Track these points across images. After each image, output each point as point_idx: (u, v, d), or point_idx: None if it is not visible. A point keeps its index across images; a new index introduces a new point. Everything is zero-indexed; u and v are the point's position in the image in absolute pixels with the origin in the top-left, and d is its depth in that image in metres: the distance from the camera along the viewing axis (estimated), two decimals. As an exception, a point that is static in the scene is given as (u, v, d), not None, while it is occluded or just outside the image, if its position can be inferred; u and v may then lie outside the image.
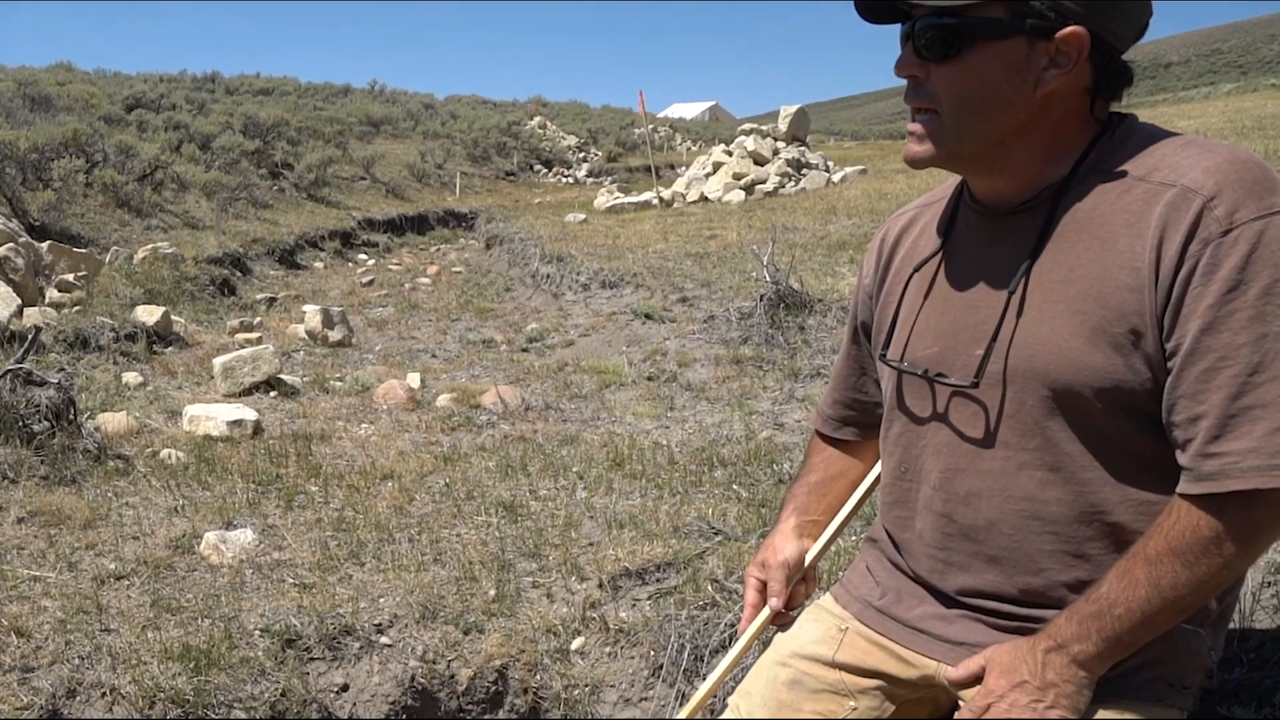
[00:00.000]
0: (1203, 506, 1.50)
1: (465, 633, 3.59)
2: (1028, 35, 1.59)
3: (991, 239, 1.77)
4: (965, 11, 1.59)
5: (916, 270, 1.89)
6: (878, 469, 2.12)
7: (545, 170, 39.58)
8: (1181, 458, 1.54)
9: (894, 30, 1.74)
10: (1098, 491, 1.64)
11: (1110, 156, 1.66)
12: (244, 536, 4.38)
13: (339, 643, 3.59)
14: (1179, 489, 1.54)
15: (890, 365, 1.89)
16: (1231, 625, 2.44)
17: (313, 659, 3.54)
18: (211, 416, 6.11)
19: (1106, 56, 1.64)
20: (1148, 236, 1.54)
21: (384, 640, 3.61)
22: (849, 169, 20.20)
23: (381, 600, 3.82)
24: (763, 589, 2.11)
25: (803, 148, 20.89)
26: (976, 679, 1.68)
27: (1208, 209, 1.48)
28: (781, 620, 2.10)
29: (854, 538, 3.67)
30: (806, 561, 2.11)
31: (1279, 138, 13.72)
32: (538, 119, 47.36)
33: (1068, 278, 1.62)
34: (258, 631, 3.62)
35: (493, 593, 3.79)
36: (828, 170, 19.98)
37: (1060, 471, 1.66)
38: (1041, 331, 1.64)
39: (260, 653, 3.49)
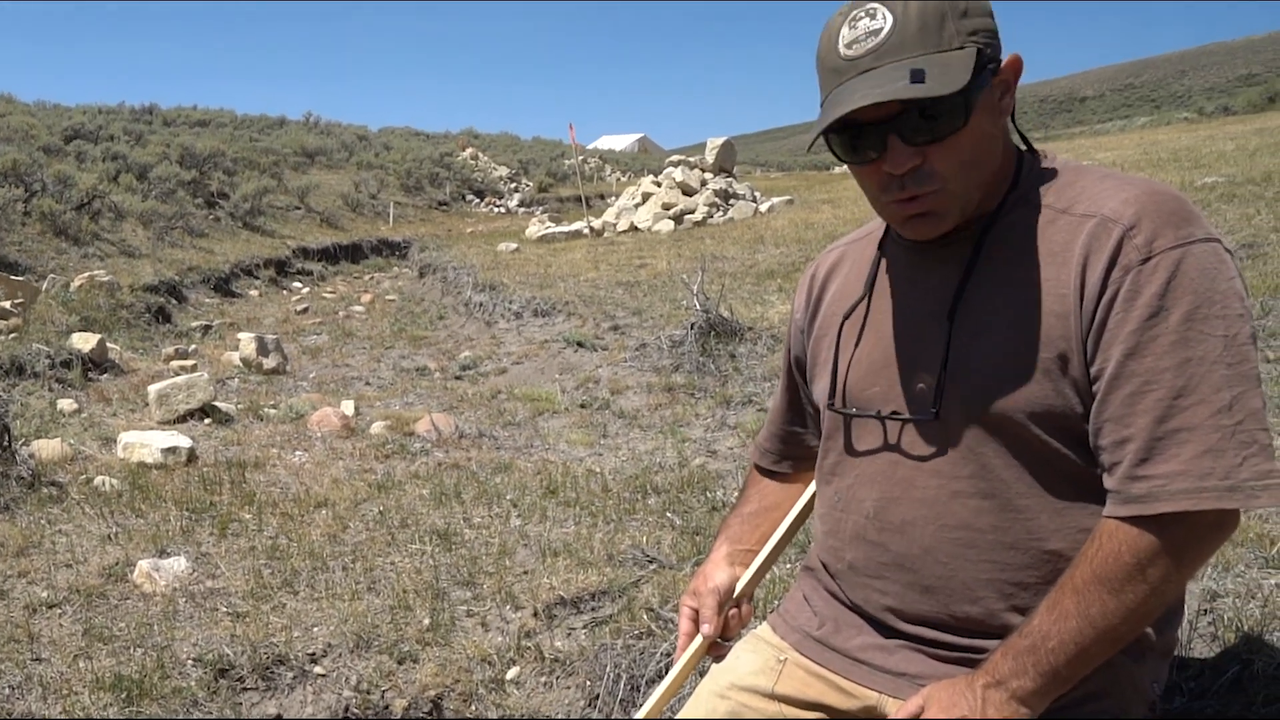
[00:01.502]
0: (1129, 531, 1.48)
1: (399, 662, 3.50)
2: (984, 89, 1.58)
3: (921, 271, 1.75)
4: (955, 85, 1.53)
5: (847, 317, 1.86)
6: (809, 494, 2.09)
7: (478, 200, 39.51)
8: (1109, 481, 1.52)
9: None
10: (1034, 518, 1.62)
11: (1033, 190, 1.66)
12: (177, 565, 4.27)
13: (272, 672, 3.49)
14: (1106, 511, 1.52)
15: (842, 414, 1.84)
16: (1171, 653, 2.43)
17: (246, 689, 3.44)
18: (146, 444, 6.00)
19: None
20: (1072, 265, 1.54)
21: (318, 670, 3.52)
22: (776, 199, 20.29)
23: (315, 629, 3.73)
24: (696, 617, 2.06)
25: (730, 178, 20.99)
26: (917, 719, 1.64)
27: (1127, 237, 1.49)
28: (716, 650, 2.04)
29: (790, 565, 3.63)
30: (738, 589, 2.06)
31: (1193, 169, 13.90)
32: (470, 150, 47.28)
33: (997, 306, 1.62)
34: (190, 661, 3.52)
35: (427, 621, 3.70)
36: (755, 200, 20.09)
37: (995, 499, 1.63)
38: (974, 359, 1.62)
39: (193, 683, 3.39)
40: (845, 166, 1.79)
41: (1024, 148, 1.75)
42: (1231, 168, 13.35)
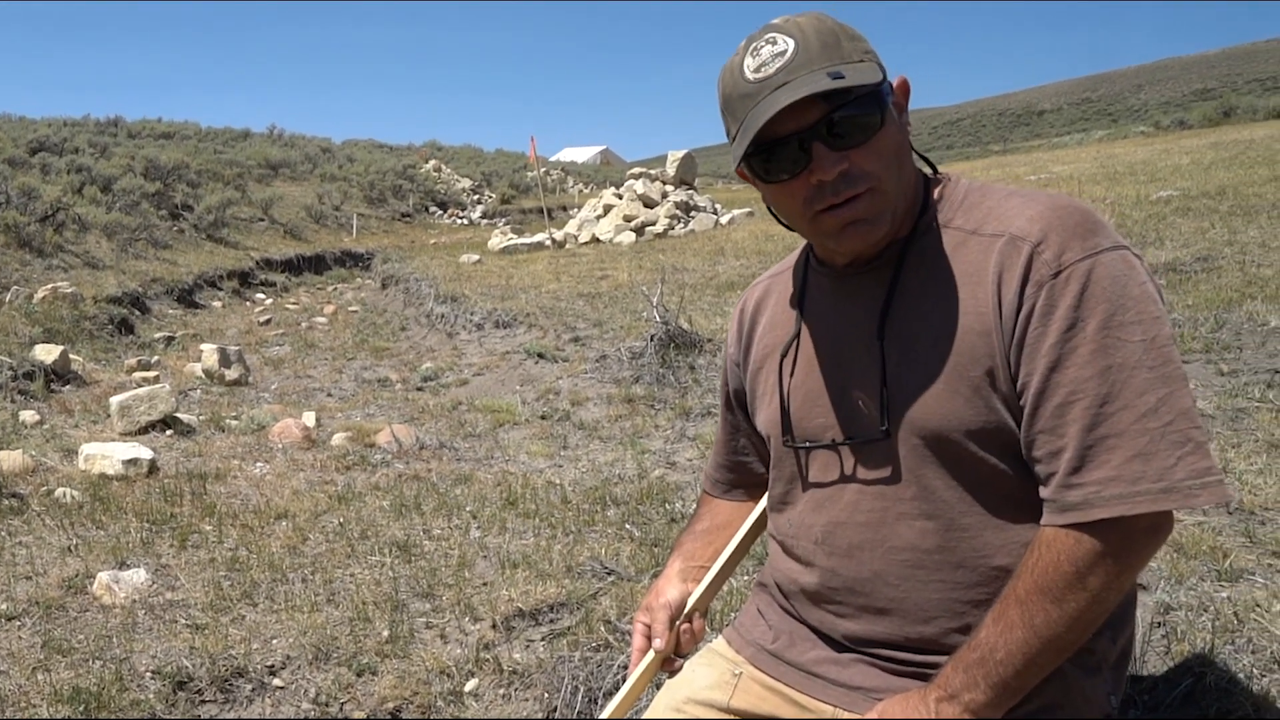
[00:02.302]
0: (1066, 538, 1.49)
1: (358, 674, 3.47)
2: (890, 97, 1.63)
3: (845, 299, 1.76)
4: (879, 86, 1.59)
5: (784, 354, 1.86)
6: (759, 510, 2.08)
7: (440, 212, 39.44)
8: (1044, 491, 1.53)
9: None
10: (978, 536, 1.62)
11: (943, 213, 1.69)
12: (137, 576, 4.23)
13: (231, 685, 3.46)
14: (1044, 520, 1.52)
15: (798, 449, 1.84)
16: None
17: (204, 701, 3.40)
18: (107, 455, 5.95)
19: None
20: (987, 284, 1.56)
21: (276, 682, 3.48)
22: (736, 211, 20.35)
23: (274, 641, 3.69)
24: (649, 633, 2.04)
25: (691, 191, 21.03)
26: None
27: (1037, 253, 1.51)
28: (669, 666, 2.03)
29: (746, 577, 3.62)
30: (690, 604, 2.05)
31: (1150, 183, 14.09)
32: (433, 162, 47.20)
33: (921, 329, 1.63)
34: (149, 673, 3.48)
35: (386, 633, 3.67)
36: (715, 213, 20.13)
37: (938, 519, 1.64)
38: (907, 381, 1.63)
39: (151, 695, 3.36)
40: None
41: (929, 172, 1.77)
42: (1187, 181, 13.50)
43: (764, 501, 2.04)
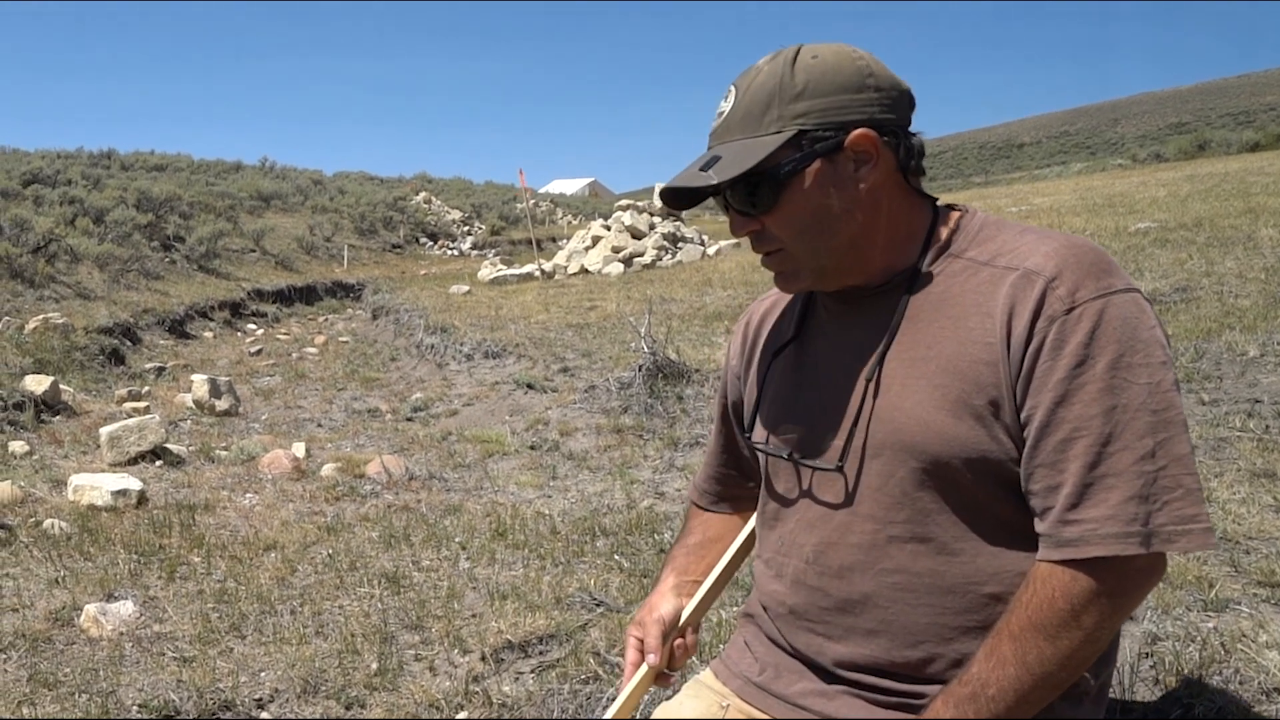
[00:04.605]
0: (1062, 575, 1.48)
1: (347, 707, 3.42)
2: (822, 158, 1.62)
3: (849, 322, 1.76)
4: (762, 167, 1.61)
5: (777, 355, 1.88)
6: (751, 524, 2.07)
7: (431, 243, 39.48)
8: (1041, 525, 1.52)
9: None
10: (971, 562, 1.61)
11: (955, 243, 1.69)
12: (125, 608, 4.18)
13: (218, 719, 3.40)
14: (1040, 555, 1.52)
15: (757, 448, 1.87)
16: (1114, 695, 2.41)
17: (191, 736, 3.35)
18: (96, 486, 5.90)
19: (896, 135, 1.67)
20: (997, 315, 1.56)
21: (264, 716, 3.43)
22: (723, 242, 20.42)
23: (262, 674, 3.64)
24: (642, 647, 2.02)
25: (678, 222, 21.10)
26: None
27: (1050, 289, 1.51)
28: (662, 681, 2.02)
29: (734, 608, 3.58)
30: (683, 618, 2.03)
31: (1128, 215, 14.17)
32: (423, 194, 47.28)
33: (926, 355, 1.62)
34: (136, 707, 3.43)
35: (375, 666, 3.62)
36: (703, 244, 20.21)
37: (931, 542, 1.62)
38: (906, 405, 1.62)
39: (137, 730, 3.30)
40: None
41: (936, 204, 1.77)
42: (1164, 213, 13.60)
43: (754, 519, 2.03)
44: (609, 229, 20.90)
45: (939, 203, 1.78)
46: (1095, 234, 12.15)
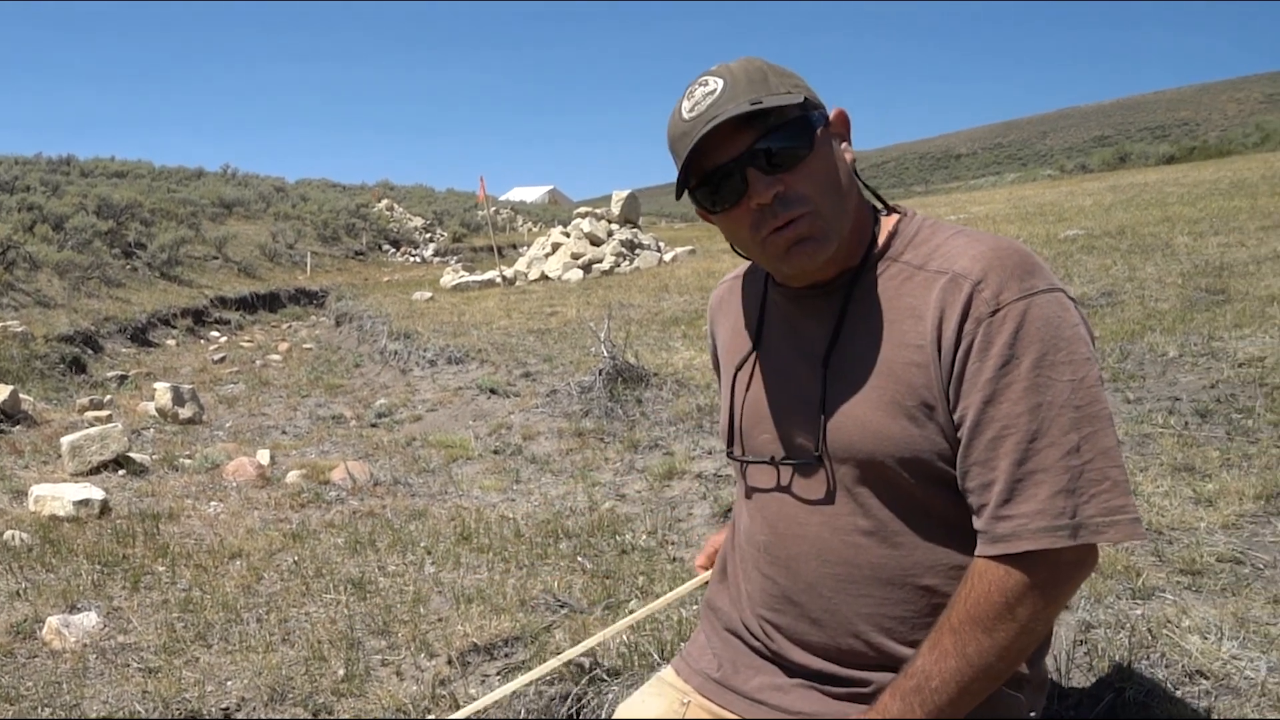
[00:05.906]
0: (997, 570, 1.53)
1: (315, 714, 3.41)
2: (822, 126, 1.67)
3: (797, 320, 1.81)
4: (803, 110, 1.63)
5: (739, 369, 1.92)
6: None
7: (393, 250, 39.33)
8: (977, 522, 1.58)
9: None
10: (910, 555, 1.66)
11: (894, 247, 1.73)
12: (88, 620, 4.14)
13: (185, 729, 3.39)
14: (977, 551, 1.57)
15: (740, 461, 1.91)
16: (1053, 681, 2.47)
17: (157, 747, 3.34)
18: (58, 496, 5.83)
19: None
20: (929, 318, 1.60)
21: (232, 724, 3.42)
22: (679, 249, 20.49)
23: (229, 683, 3.63)
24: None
25: (635, 229, 21.13)
26: None
27: (977, 291, 1.55)
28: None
29: (695, 606, 3.61)
30: None
31: (1057, 222, 14.74)
32: (385, 201, 47.10)
33: (864, 356, 1.67)
34: (100, 720, 3.40)
35: (342, 672, 3.62)
36: (659, 250, 20.25)
37: (875, 535, 1.68)
38: (846, 406, 1.68)
39: (102, 742, 3.28)
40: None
41: (879, 207, 1.81)
42: (1090, 221, 14.09)
43: None
44: (568, 236, 20.91)
45: (889, 202, 1.82)
46: (1028, 240, 12.50)
